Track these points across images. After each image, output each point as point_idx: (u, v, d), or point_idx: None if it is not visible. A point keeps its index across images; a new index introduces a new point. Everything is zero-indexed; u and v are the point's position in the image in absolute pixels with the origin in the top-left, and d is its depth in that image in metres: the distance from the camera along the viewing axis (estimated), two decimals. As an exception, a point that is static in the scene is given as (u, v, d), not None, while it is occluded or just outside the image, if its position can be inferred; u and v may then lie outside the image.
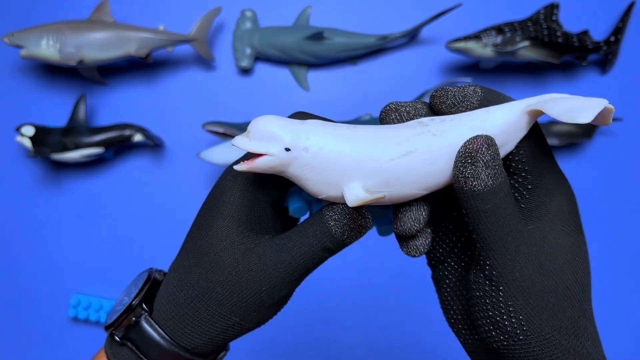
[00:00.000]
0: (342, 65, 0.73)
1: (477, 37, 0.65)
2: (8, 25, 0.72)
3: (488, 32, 0.65)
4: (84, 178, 0.73)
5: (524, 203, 0.25)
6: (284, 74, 0.73)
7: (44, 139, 0.67)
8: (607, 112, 0.22)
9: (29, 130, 0.66)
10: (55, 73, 0.74)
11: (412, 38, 0.72)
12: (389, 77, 0.72)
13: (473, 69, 0.72)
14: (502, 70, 0.71)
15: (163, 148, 0.73)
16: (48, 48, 0.65)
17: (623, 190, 0.71)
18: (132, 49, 0.67)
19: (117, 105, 0.73)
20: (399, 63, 0.72)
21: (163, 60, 0.73)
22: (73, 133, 0.68)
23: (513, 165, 0.25)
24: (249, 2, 0.72)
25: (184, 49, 0.73)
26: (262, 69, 0.73)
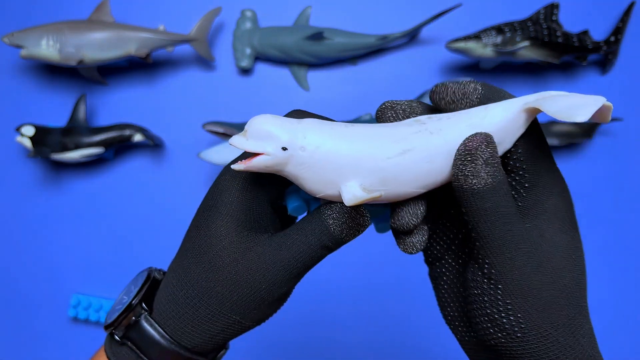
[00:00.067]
0: (342, 65, 0.73)
1: (477, 37, 0.65)
2: (8, 25, 0.72)
3: (488, 32, 0.65)
4: (84, 178, 0.73)
5: (521, 201, 0.25)
6: (284, 74, 0.73)
7: (44, 139, 0.67)
8: (605, 109, 0.22)
9: (29, 130, 0.66)
10: (55, 73, 0.74)
11: (412, 38, 0.72)
12: (389, 77, 0.72)
13: (473, 69, 0.72)
14: (502, 70, 0.71)
15: (163, 148, 0.73)
16: (48, 48, 0.65)
17: (623, 190, 0.71)
18: (132, 49, 0.67)
19: (117, 105, 0.73)
20: (399, 63, 0.72)
21: (163, 60, 0.73)
22: (73, 133, 0.68)
23: (511, 164, 0.25)
24: (249, 2, 0.72)
25: (184, 49, 0.73)
26: (262, 69, 0.73)
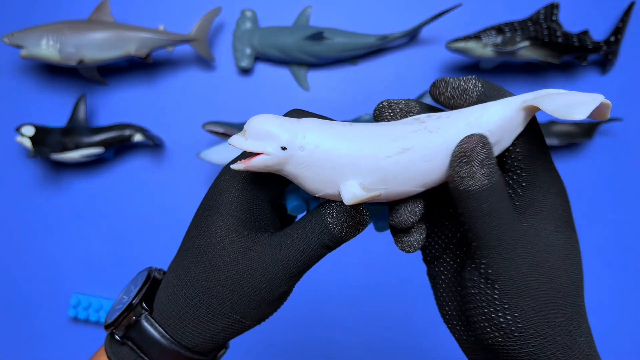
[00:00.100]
0: (342, 65, 0.73)
1: (477, 37, 0.65)
2: (8, 25, 0.72)
3: (488, 32, 0.65)
4: (84, 178, 0.73)
5: (518, 200, 0.25)
6: (284, 74, 0.73)
7: (44, 139, 0.67)
8: (604, 107, 0.22)
9: (29, 130, 0.66)
10: (55, 73, 0.74)
11: (412, 38, 0.72)
12: (389, 77, 0.72)
13: (473, 69, 0.72)
14: (502, 70, 0.71)
15: (163, 148, 0.73)
16: (48, 48, 0.65)
17: (623, 190, 0.71)
18: (132, 49, 0.67)
19: (117, 105, 0.73)
20: (399, 63, 0.72)
21: (163, 60, 0.73)
22: (73, 133, 0.68)
23: (509, 163, 0.25)
24: (249, 2, 0.72)
25: (184, 49, 0.73)
26: (262, 69, 0.73)
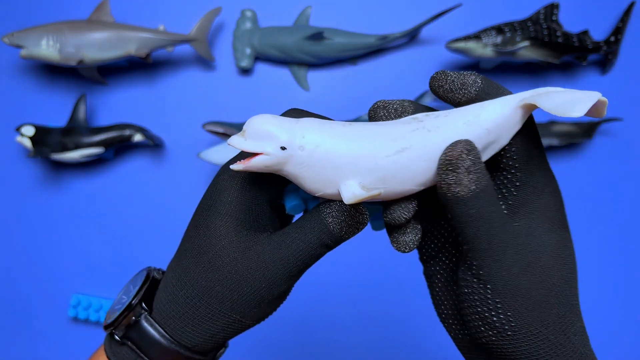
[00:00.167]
0: (342, 65, 0.73)
1: (477, 37, 0.65)
2: (8, 25, 0.72)
3: (488, 32, 0.65)
4: (84, 178, 0.73)
5: (512, 200, 0.25)
6: (284, 74, 0.73)
7: (44, 139, 0.67)
8: (600, 104, 0.22)
9: (29, 130, 0.66)
10: (55, 73, 0.74)
11: (412, 38, 0.72)
12: (389, 77, 0.72)
13: (473, 69, 0.72)
14: (502, 70, 0.71)
15: (163, 148, 0.73)
16: (48, 48, 0.65)
17: (623, 190, 0.71)
18: (132, 49, 0.67)
19: (117, 105, 0.73)
20: (399, 63, 0.72)
21: (163, 60, 0.73)
22: (73, 133, 0.68)
23: (504, 162, 0.25)
24: (249, 2, 0.72)
25: (184, 49, 0.73)
26: (262, 69, 0.73)
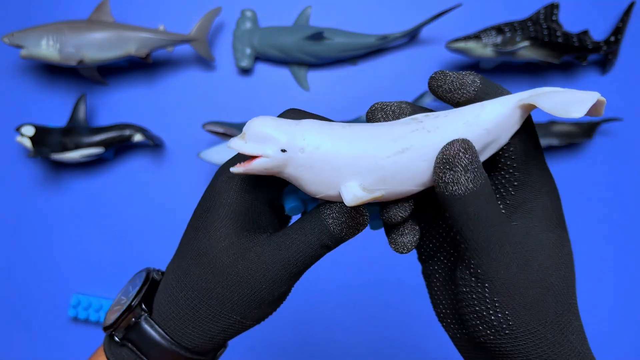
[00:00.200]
0: (342, 65, 0.73)
1: (477, 37, 0.65)
2: (8, 25, 0.72)
3: (488, 32, 0.65)
4: (84, 178, 0.73)
5: (510, 199, 0.25)
6: (284, 74, 0.73)
7: (44, 139, 0.67)
8: (599, 104, 0.22)
9: (29, 130, 0.66)
10: (55, 73, 0.74)
11: (412, 38, 0.72)
12: (389, 77, 0.72)
13: (473, 69, 0.72)
14: (502, 70, 0.71)
15: (163, 148, 0.73)
16: (48, 48, 0.65)
17: (623, 190, 0.71)
18: (132, 49, 0.67)
19: (117, 105, 0.73)
20: (399, 63, 0.72)
21: (163, 60, 0.73)
22: (73, 133, 0.68)
23: (502, 162, 0.25)
24: (249, 2, 0.72)
25: (184, 49, 0.73)
26: (262, 69, 0.73)
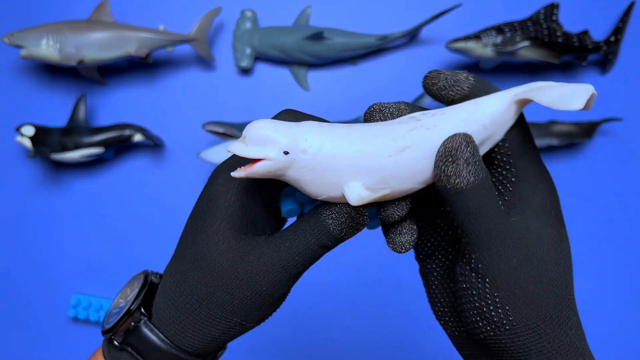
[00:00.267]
0: (342, 65, 0.73)
1: (477, 37, 0.65)
2: (8, 25, 0.72)
3: (488, 32, 0.65)
4: (84, 178, 0.73)
5: (508, 195, 0.25)
6: (284, 74, 0.73)
7: (44, 139, 0.67)
8: (591, 97, 0.23)
9: (29, 130, 0.66)
10: (55, 73, 0.74)
11: (412, 38, 0.72)
12: (389, 77, 0.72)
13: (473, 69, 0.72)
14: (502, 70, 0.71)
15: (163, 148, 0.73)
16: (48, 48, 0.65)
17: (623, 190, 0.71)
18: (132, 49, 0.67)
19: (117, 105, 0.73)
20: (399, 63, 0.72)
21: (163, 60, 0.73)
22: (73, 133, 0.68)
23: (498, 158, 0.25)
24: (249, 2, 0.72)
25: (184, 49, 0.73)
26: (262, 69, 0.73)
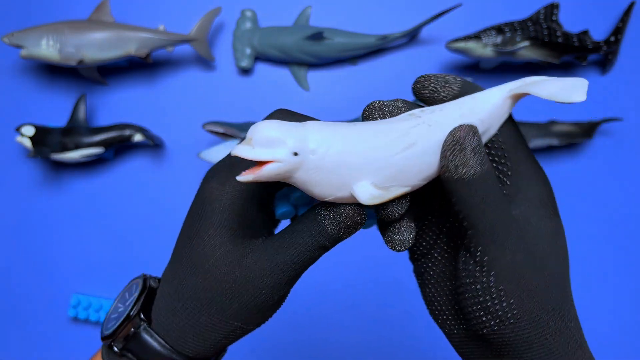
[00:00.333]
0: (342, 65, 0.73)
1: (477, 37, 0.65)
2: (8, 25, 0.72)
3: (488, 32, 0.65)
4: (84, 178, 0.73)
5: (506, 189, 0.25)
6: (284, 74, 0.73)
7: (44, 139, 0.67)
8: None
9: (29, 130, 0.66)
10: (55, 73, 0.74)
11: (412, 38, 0.72)
12: (389, 77, 0.72)
13: (473, 69, 0.72)
14: (502, 70, 0.71)
15: (163, 148, 0.73)
16: (48, 48, 0.65)
17: (623, 190, 0.71)
18: (132, 49, 0.67)
19: (117, 105, 0.73)
20: (399, 63, 0.72)
21: (163, 60, 0.73)
22: (73, 133, 0.68)
23: (492, 153, 0.25)
24: (249, 2, 0.72)
25: (184, 49, 0.73)
26: (262, 69, 0.73)
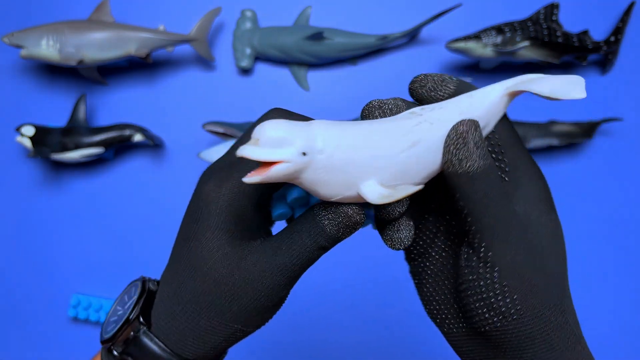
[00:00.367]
0: (342, 65, 0.73)
1: (477, 37, 0.65)
2: (8, 25, 0.72)
3: (488, 32, 0.65)
4: (84, 178, 0.73)
5: (505, 186, 0.25)
6: (284, 74, 0.73)
7: (44, 139, 0.67)
8: None
9: (29, 130, 0.66)
10: (55, 73, 0.74)
11: (412, 38, 0.72)
12: (389, 77, 0.72)
13: (473, 69, 0.72)
14: (502, 70, 0.71)
15: (163, 148, 0.73)
16: (48, 48, 0.65)
17: (623, 190, 0.71)
18: (132, 49, 0.67)
19: (117, 105, 0.73)
20: (399, 63, 0.72)
21: (163, 60, 0.73)
22: (73, 133, 0.68)
23: (490, 149, 0.25)
24: (249, 2, 0.72)
25: (184, 49, 0.73)
26: (262, 69, 0.73)
